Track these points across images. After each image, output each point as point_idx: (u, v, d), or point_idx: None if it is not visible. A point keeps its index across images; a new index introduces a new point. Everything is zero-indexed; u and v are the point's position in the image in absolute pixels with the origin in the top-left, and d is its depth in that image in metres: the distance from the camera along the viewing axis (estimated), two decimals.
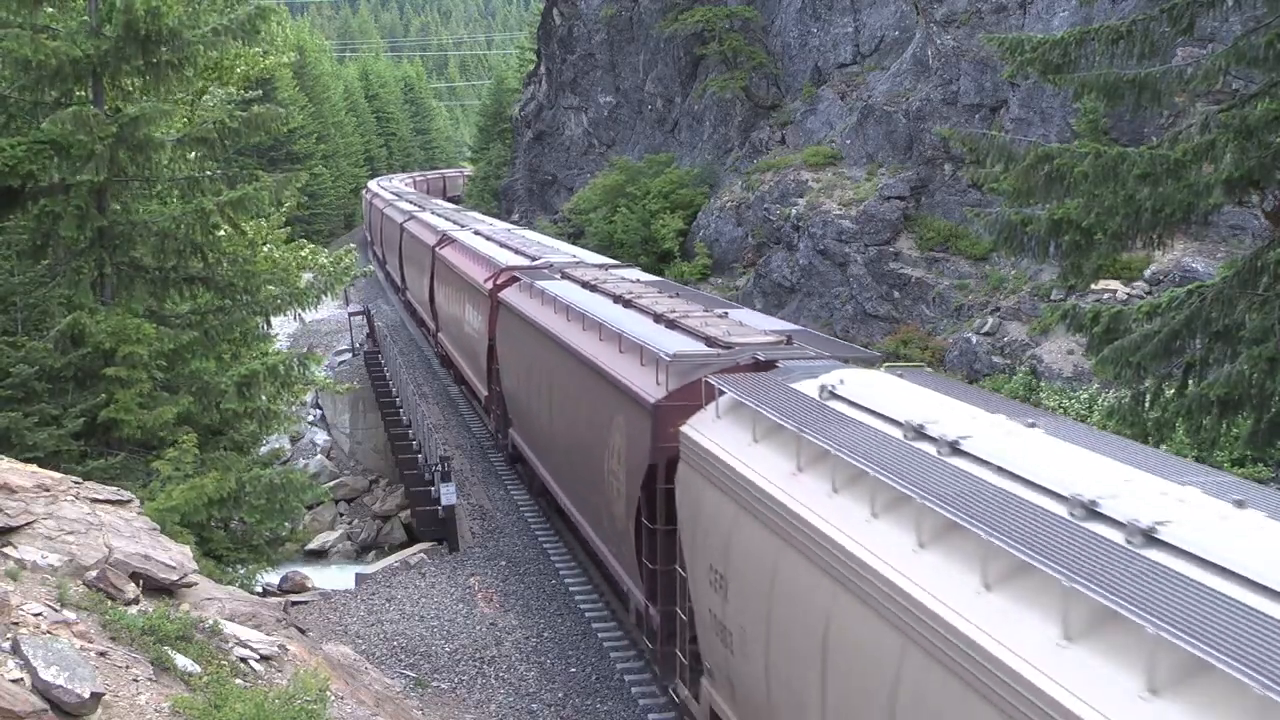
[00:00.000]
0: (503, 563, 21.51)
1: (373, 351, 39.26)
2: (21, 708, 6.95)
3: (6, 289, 17.00)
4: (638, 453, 14.40)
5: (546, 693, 16.06)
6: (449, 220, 42.75)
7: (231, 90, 23.16)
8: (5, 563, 9.02)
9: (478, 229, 37.27)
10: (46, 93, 16.92)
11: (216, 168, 19.11)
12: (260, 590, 18.25)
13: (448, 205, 59.82)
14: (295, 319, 26.82)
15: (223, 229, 18.65)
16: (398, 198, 59.33)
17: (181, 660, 8.65)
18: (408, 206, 52.41)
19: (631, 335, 15.59)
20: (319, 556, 29.02)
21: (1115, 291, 24.89)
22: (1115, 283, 25.11)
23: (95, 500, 10.80)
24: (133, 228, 17.57)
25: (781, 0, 43.63)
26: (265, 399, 19.55)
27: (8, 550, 9.30)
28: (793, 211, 36.20)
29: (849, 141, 36.99)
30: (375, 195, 65.62)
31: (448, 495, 22.72)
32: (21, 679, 7.22)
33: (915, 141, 34.17)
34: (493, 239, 33.20)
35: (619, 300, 18.95)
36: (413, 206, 52.13)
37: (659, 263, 40.18)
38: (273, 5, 20.14)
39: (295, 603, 18.95)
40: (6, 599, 8.09)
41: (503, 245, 31.03)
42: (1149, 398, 15.12)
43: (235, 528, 18.38)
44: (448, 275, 33.69)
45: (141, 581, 9.75)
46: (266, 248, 23.23)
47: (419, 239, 41.53)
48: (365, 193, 75.03)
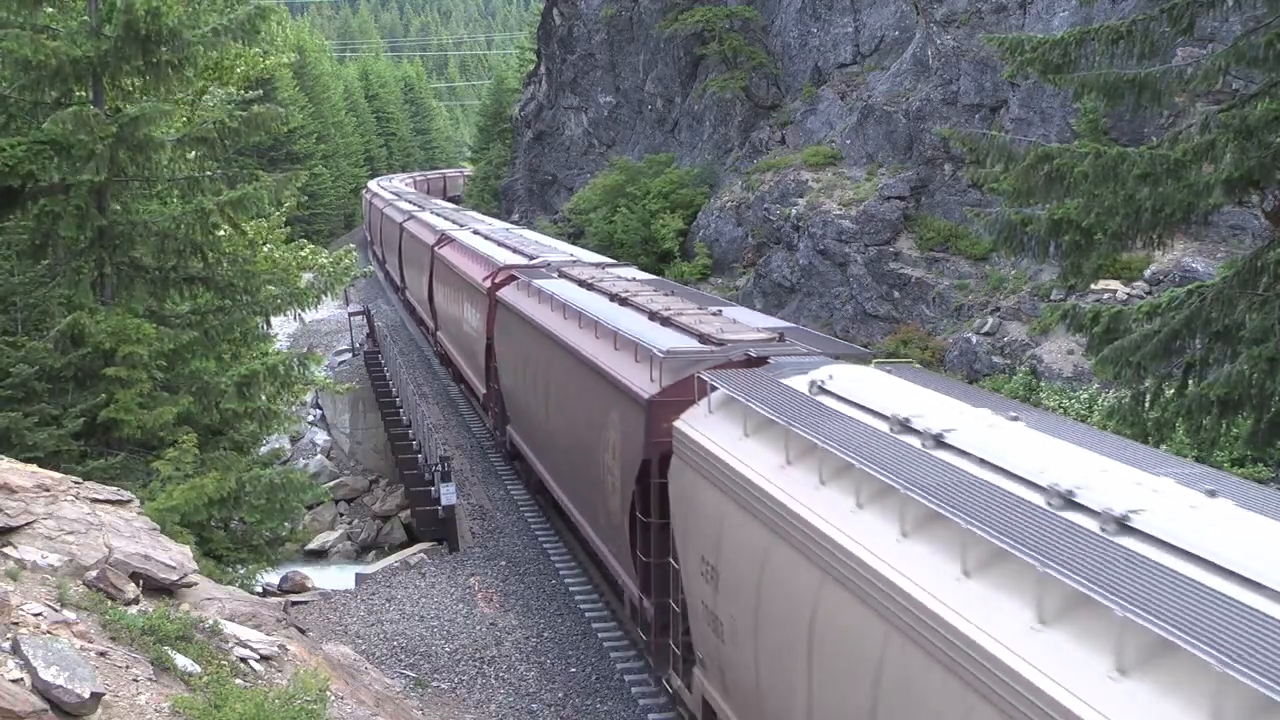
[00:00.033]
0: (503, 563, 21.50)
1: (373, 351, 39.27)
2: (21, 708, 6.95)
3: (6, 289, 17.00)
4: (632, 447, 14.55)
5: (546, 693, 16.05)
6: (448, 220, 42.89)
7: (231, 90, 23.14)
8: (5, 563, 9.02)
9: (476, 228, 37.50)
10: (46, 93, 16.92)
11: (216, 168, 19.11)
12: (260, 590, 18.25)
13: (447, 205, 59.84)
14: (295, 319, 26.83)
15: (223, 229, 18.66)
16: (397, 197, 59.37)
17: (181, 660, 8.65)
18: (407, 206, 52.48)
19: (626, 332, 15.72)
20: (319, 556, 29.01)
21: (1115, 291, 24.89)
22: (1115, 283, 25.11)
23: (95, 500, 10.80)
24: (133, 228, 17.58)
25: (781, 0, 43.63)
26: (265, 399, 19.56)
27: (8, 550, 9.30)
28: (793, 211, 36.19)
29: (849, 141, 36.99)
30: (375, 195, 65.74)
31: (448, 495, 22.72)
32: (21, 679, 7.22)
33: (915, 141, 34.17)
34: (491, 238, 33.43)
35: (615, 298, 19.09)
36: (412, 206, 52.21)
37: (659, 263, 40.17)
38: (272, 5, 20.17)
39: (295, 603, 18.94)
40: (6, 599, 8.09)
41: (501, 244, 31.25)
42: (1149, 398, 15.12)
43: (235, 528, 18.38)
44: (446, 274, 33.93)
45: (141, 581, 9.75)
46: (266, 248, 23.22)
47: (418, 238, 41.70)
48: (365, 193, 75.12)
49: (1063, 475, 7.36)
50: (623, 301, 18.72)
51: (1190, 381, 14.68)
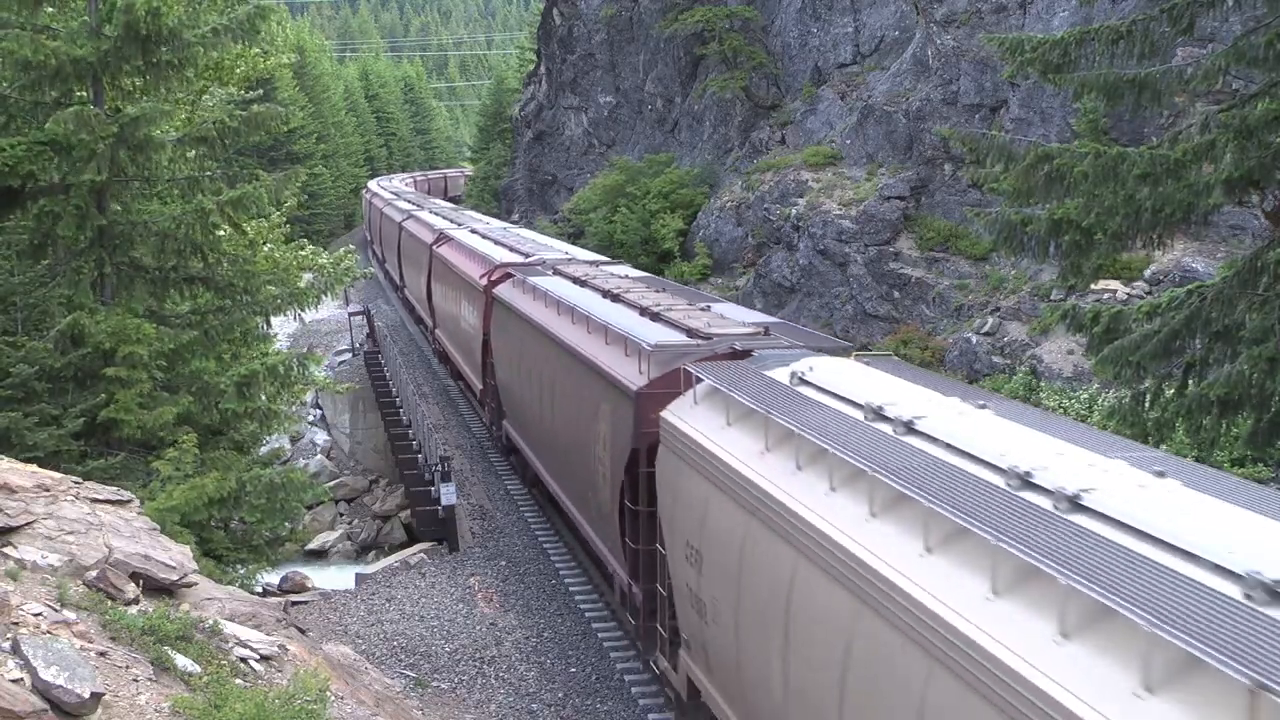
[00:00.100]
0: (503, 563, 21.50)
1: (373, 351, 39.31)
2: (21, 708, 6.95)
3: (6, 289, 17.00)
4: (621, 438, 14.95)
5: (546, 693, 16.05)
6: (446, 219, 43.10)
7: (232, 90, 23.14)
8: (5, 563, 9.03)
9: (474, 227, 37.83)
10: (46, 93, 16.93)
11: (216, 167, 19.12)
12: (260, 590, 18.25)
13: (445, 205, 59.94)
14: (295, 319, 26.85)
15: (223, 229, 18.66)
16: (397, 197, 59.50)
17: (181, 660, 8.65)
18: (406, 206, 52.65)
19: (617, 327, 16.12)
20: (319, 556, 29.02)
21: (1115, 291, 24.88)
22: (1115, 283, 25.10)
23: (95, 500, 10.80)
24: (133, 228, 17.58)
25: (781, 0, 43.63)
26: (265, 399, 19.57)
27: (8, 550, 9.30)
28: (793, 211, 36.18)
29: (849, 141, 36.98)
30: (375, 195, 65.90)
31: (448, 495, 22.73)
32: (21, 679, 7.22)
33: (915, 141, 34.16)
34: (488, 237, 33.77)
35: (608, 295, 19.48)
36: (411, 206, 52.40)
37: (659, 263, 40.17)
38: (272, 5, 20.17)
39: (295, 603, 18.94)
40: (6, 599, 8.09)
41: (498, 243, 31.59)
42: (1149, 398, 15.12)
43: (235, 528, 18.38)
44: (445, 273, 34.22)
45: (141, 581, 9.76)
46: (267, 247, 23.23)
47: (417, 237, 41.96)
48: (365, 192, 75.26)
49: (1022, 458, 7.74)
50: (615, 298, 19.08)
51: (1190, 381, 14.68)
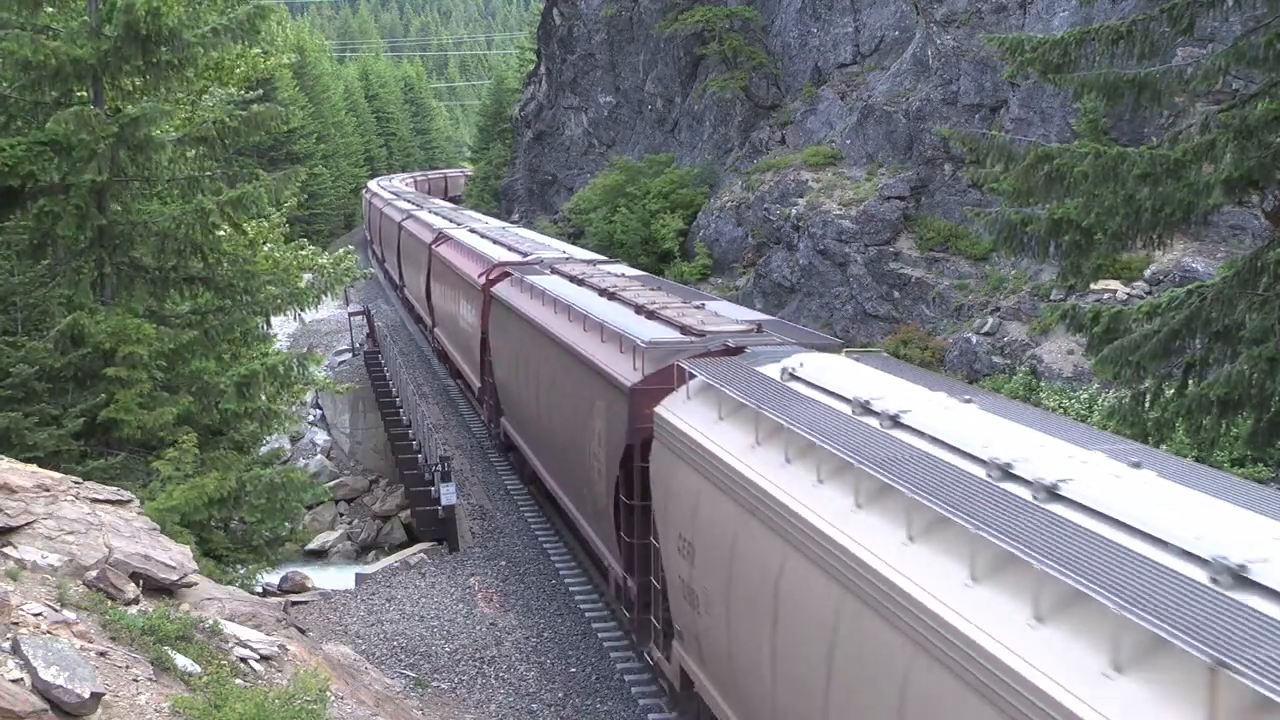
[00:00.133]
0: (503, 563, 21.50)
1: (373, 351, 39.33)
2: (21, 708, 6.95)
3: (6, 289, 16.99)
4: (616, 434, 15.18)
5: (546, 693, 16.05)
6: (445, 219, 43.29)
7: (232, 90, 23.14)
8: (5, 563, 9.03)
9: (473, 227, 38.08)
10: (46, 93, 16.93)
11: (216, 167, 19.13)
12: (260, 590, 18.24)
13: (445, 204, 60.03)
14: (295, 319, 26.86)
15: (223, 229, 18.66)
16: (396, 197, 59.60)
17: (181, 660, 8.65)
18: (406, 205, 52.77)
19: (612, 325, 16.34)
20: (319, 556, 29.02)
21: (1115, 291, 24.88)
22: (1115, 283, 25.09)
23: (95, 500, 10.80)
24: (133, 228, 17.58)
25: (781, 0, 43.62)
26: (265, 399, 19.58)
27: (8, 550, 9.30)
28: (793, 211, 36.18)
29: (849, 141, 36.97)
30: (374, 195, 66.02)
31: (448, 495, 22.73)
32: (21, 679, 7.22)
33: (915, 141, 34.15)
34: (487, 236, 34.02)
35: (604, 293, 19.70)
36: (411, 205, 52.54)
37: (659, 263, 40.16)
38: (272, 4, 20.17)
39: (295, 603, 18.94)
40: (6, 599, 8.09)
41: (496, 242, 31.84)
42: (1149, 398, 15.12)
43: (235, 528, 18.38)
44: (444, 272, 34.43)
45: (141, 581, 9.76)
46: (267, 247, 23.22)
47: (416, 237, 42.14)
48: (365, 192, 75.37)
49: (1004, 450, 7.96)
50: (611, 296, 19.27)
51: (1190, 381, 14.68)
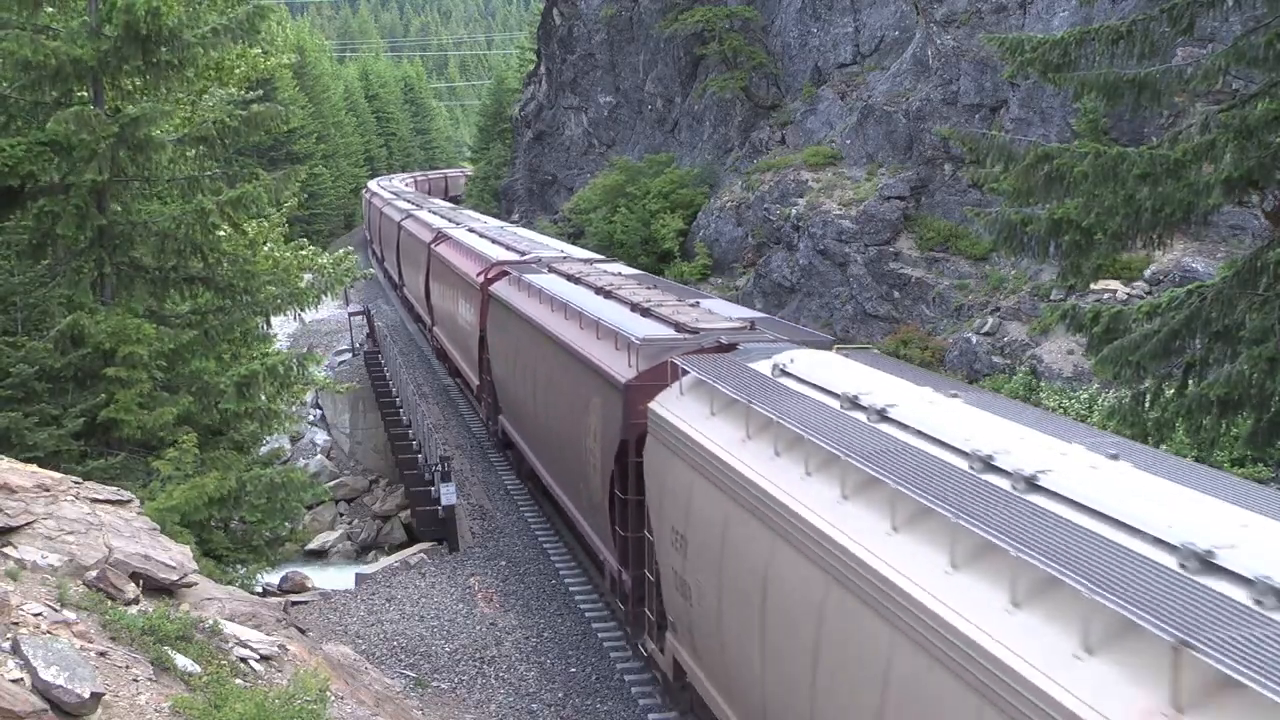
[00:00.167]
0: (503, 563, 21.50)
1: (373, 351, 39.35)
2: (21, 708, 6.95)
3: (6, 289, 16.99)
4: (611, 429, 15.36)
5: (546, 693, 16.05)
6: (444, 218, 43.51)
7: (232, 90, 23.15)
8: (5, 563, 9.03)
9: (472, 226, 38.34)
10: (46, 93, 16.93)
11: (216, 167, 19.13)
12: (260, 590, 18.24)
13: (444, 204, 60.15)
14: (295, 319, 26.86)
15: (223, 229, 18.67)
16: (396, 197, 59.74)
17: (181, 660, 8.65)
18: (405, 205, 52.91)
19: (608, 322, 16.55)
20: (319, 556, 29.02)
21: (1115, 291, 24.87)
22: (1115, 283, 25.09)
23: (95, 500, 10.80)
24: (133, 228, 17.58)
25: (781, 0, 43.62)
26: (265, 399, 19.58)
27: (8, 550, 9.30)
28: (793, 211, 36.18)
29: (849, 141, 36.97)
30: (374, 195, 66.19)
31: (448, 495, 22.74)
32: (21, 679, 7.22)
33: (915, 141, 34.15)
34: (485, 236, 34.24)
35: (600, 291, 19.89)
36: (410, 205, 52.69)
37: (659, 263, 40.16)
38: (272, 4, 20.17)
39: (295, 603, 18.93)
40: (6, 599, 8.09)
41: (494, 241, 32.06)
42: (1149, 398, 15.12)
43: (235, 528, 18.38)
44: (442, 271, 34.64)
45: (141, 581, 9.76)
46: (267, 247, 23.23)
47: (416, 236, 42.35)
48: (365, 192, 75.56)
49: (986, 442, 8.20)
50: (607, 294, 19.45)
51: (1190, 381, 14.68)
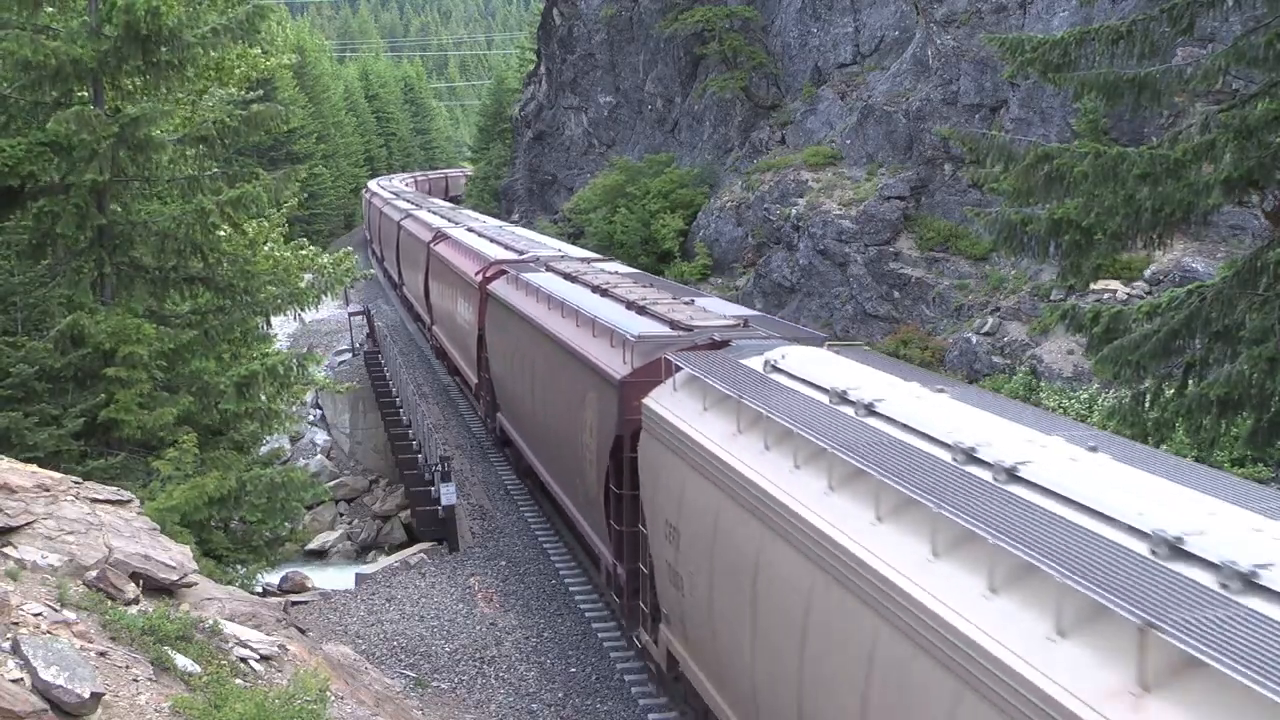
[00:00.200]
0: (503, 563, 21.50)
1: (373, 351, 39.37)
2: (21, 708, 6.95)
3: (6, 289, 16.99)
4: (606, 425, 15.64)
5: (546, 693, 16.05)
6: (444, 218, 43.65)
7: (232, 91, 23.15)
8: (5, 563, 9.03)
9: (471, 226, 38.52)
10: (46, 93, 16.93)
11: (216, 167, 19.13)
12: (260, 590, 18.24)
13: (443, 204, 60.24)
14: (295, 319, 26.87)
15: (223, 229, 18.67)
16: (396, 197, 59.87)
17: (181, 660, 8.65)
18: (405, 205, 53.03)
19: (604, 320, 16.81)
20: (319, 556, 29.02)
21: (1115, 291, 24.87)
22: (1115, 283, 25.09)
23: (95, 500, 10.80)
24: (133, 228, 17.59)
25: (781, 0, 43.61)
26: (265, 399, 19.59)
27: (8, 550, 9.30)
28: (793, 211, 36.17)
29: (849, 141, 36.97)
30: (374, 195, 66.32)
31: (448, 495, 22.74)
32: (21, 679, 7.22)
33: (915, 141, 34.15)
34: (484, 235, 34.43)
35: (596, 290, 20.15)
36: (410, 205, 52.81)
37: (659, 263, 40.16)
38: (271, 4, 20.18)
39: (295, 603, 18.93)
40: (6, 599, 8.09)
41: (493, 241, 32.28)
42: (1149, 398, 15.11)
43: (235, 528, 18.38)
44: (442, 270, 34.83)
45: (141, 581, 9.76)
46: (267, 247, 23.23)
47: (415, 236, 42.51)
48: (365, 192, 75.65)
49: (968, 435, 8.40)
50: (603, 293, 19.70)
51: (1190, 381, 14.67)
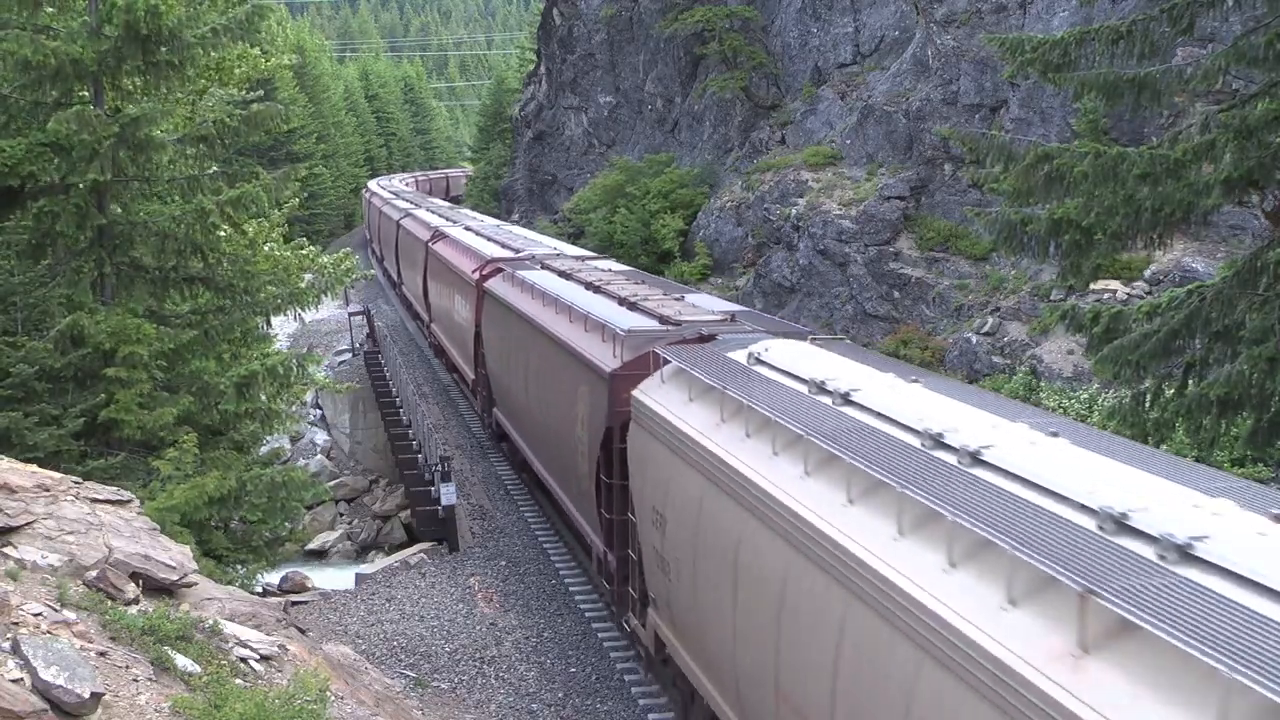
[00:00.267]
0: (503, 563, 21.51)
1: (373, 351, 39.37)
2: (21, 708, 6.96)
3: (6, 289, 16.99)
4: (597, 417, 16.07)
5: (546, 693, 16.06)
6: (442, 217, 43.87)
7: (232, 91, 23.15)
8: (5, 563, 9.03)
9: (468, 225, 38.80)
10: (47, 93, 16.93)
11: (215, 166, 19.12)
12: (260, 590, 18.24)
13: (442, 203, 60.35)
14: (295, 319, 26.89)
15: (223, 229, 18.67)
16: (395, 197, 60.01)
17: (181, 660, 8.65)
18: (404, 205, 53.21)
19: (596, 316, 17.23)
20: (319, 556, 29.02)
21: (1115, 291, 24.87)
22: (1115, 283, 25.08)
23: (95, 500, 10.80)
24: (133, 228, 17.59)
25: (781, 0, 43.61)
26: (265, 399, 19.60)
27: (8, 550, 9.30)
28: (793, 211, 36.17)
29: (849, 141, 36.96)
30: (374, 195, 66.51)
31: (448, 495, 22.74)
32: (21, 679, 7.22)
33: (915, 141, 34.14)
34: (481, 234, 34.74)
35: (590, 286, 20.61)
36: (409, 205, 53.00)
37: (659, 263, 40.16)
38: (271, 4, 20.20)
39: (295, 603, 18.93)
40: (6, 599, 8.09)
41: (490, 239, 32.59)
42: (1149, 398, 15.10)
43: (235, 528, 18.39)
44: (440, 268, 35.04)
45: (141, 581, 9.76)
46: (267, 247, 23.23)
47: (414, 235, 42.69)
48: (364, 192, 75.77)
49: (937, 421, 8.84)
50: (596, 289, 20.18)
51: (1190, 381, 14.67)
